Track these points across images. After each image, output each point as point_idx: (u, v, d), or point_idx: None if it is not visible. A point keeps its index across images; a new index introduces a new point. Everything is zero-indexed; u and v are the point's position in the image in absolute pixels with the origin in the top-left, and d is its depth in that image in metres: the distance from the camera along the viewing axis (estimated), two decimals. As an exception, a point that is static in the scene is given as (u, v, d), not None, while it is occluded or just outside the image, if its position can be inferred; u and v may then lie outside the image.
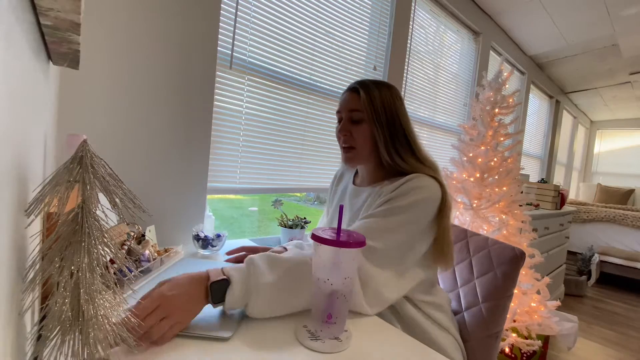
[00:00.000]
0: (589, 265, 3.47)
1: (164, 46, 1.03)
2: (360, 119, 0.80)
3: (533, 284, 1.67)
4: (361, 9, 1.67)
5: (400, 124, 0.79)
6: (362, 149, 0.81)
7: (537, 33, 2.77)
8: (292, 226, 1.42)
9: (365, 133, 0.79)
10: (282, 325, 0.59)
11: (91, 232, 0.35)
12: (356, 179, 0.93)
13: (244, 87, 1.28)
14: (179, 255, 0.93)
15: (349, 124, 0.81)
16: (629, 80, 3.56)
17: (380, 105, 0.78)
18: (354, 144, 0.81)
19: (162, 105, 1.04)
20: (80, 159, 0.36)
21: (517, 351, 1.64)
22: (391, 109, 0.79)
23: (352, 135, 0.81)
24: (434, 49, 2.17)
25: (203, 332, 0.53)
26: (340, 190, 0.97)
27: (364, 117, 0.79)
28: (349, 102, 0.81)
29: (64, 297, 0.33)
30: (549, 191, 2.76)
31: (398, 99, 0.81)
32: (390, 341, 0.58)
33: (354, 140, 0.81)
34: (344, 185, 0.97)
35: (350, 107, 0.81)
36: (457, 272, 1.02)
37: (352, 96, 0.81)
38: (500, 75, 1.71)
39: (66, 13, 0.39)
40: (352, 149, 0.82)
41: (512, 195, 1.61)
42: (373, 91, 0.79)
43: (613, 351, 2.19)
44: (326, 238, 0.53)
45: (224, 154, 1.25)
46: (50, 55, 0.55)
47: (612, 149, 5.46)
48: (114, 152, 0.97)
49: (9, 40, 0.29)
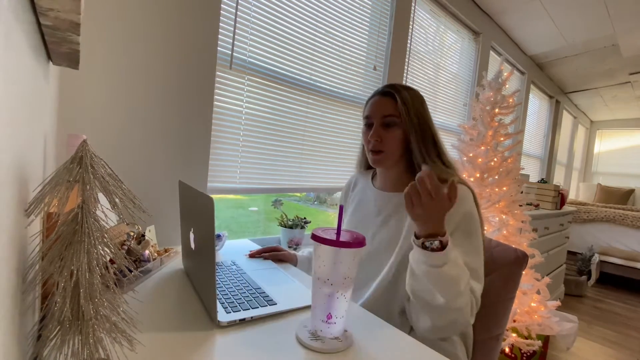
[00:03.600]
0: (589, 265, 3.47)
1: (164, 46, 1.03)
2: (393, 124, 0.80)
3: (533, 284, 1.67)
4: (361, 9, 1.67)
5: (430, 128, 0.81)
6: (393, 152, 0.81)
7: (537, 33, 2.77)
8: (292, 226, 1.42)
9: (397, 137, 0.80)
10: (282, 325, 0.59)
11: (91, 232, 0.35)
12: (374, 182, 0.93)
13: (244, 87, 1.28)
14: (178, 255, 0.93)
15: (381, 128, 0.81)
16: (629, 80, 3.56)
17: (414, 109, 0.79)
18: (384, 148, 0.81)
19: (162, 105, 1.04)
20: (80, 159, 0.36)
21: (517, 351, 1.64)
22: (422, 113, 0.81)
23: (382, 140, 0.81)
24: (434, 49, 2.17)
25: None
26: (357, 197, 0.96)
27: (397, 122, 0.80)
28: (383, 107, 0.81)
29: (64, 297, 0.33)
30: (549, 191, 2.76)
31: (425, 103, 0.83)
32: (391, 341, 0.58)
33: (384, 145, 0.81)
34: (360, 190, 0.96)
35: (385, 112, 0.81)
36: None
37: (387, 101, 0.81)
38: (500, 75, 1.71)
39: (66, 13, 0.39)
40: (381, 152, 0.82)
41: (512, 195, 1.61)
42: (406, 96, 0.80)
43: (613, 351, 2.19)
44: (326, 238, 0.53)
45: (224, 154, 1.25)
46: (50, 55, 0.55)
47: (612, 149, 5.46)
48: (114, 152, 0.97)
49: (9, 40, 0.29)
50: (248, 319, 0.59)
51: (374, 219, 0.86)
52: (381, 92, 0.83)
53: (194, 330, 0.55)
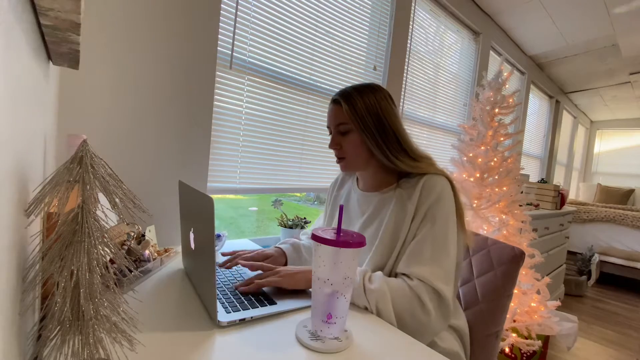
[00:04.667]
0: (589, 265, 3.47)
1: (164, 46, 1.03)
2: (347, 130, 0.80)
3: (533, 284, 1.67)
4: (361, 9, 1.67)
5: (390, 125, 0.79)
6: (356, 157, 0.82)
7: (537, 33, 2.77)
8: (292, 226, 1.42)
9: (355, 142, 0.80)
10: (282, 325, 0.59)
11: (91, 232, 0.35)
12: (358, 183, 0.93)
13: (244, 87, 1.28)
14: (178, 255, 0.93)
15: (339, 136, 0.82)
16: (629, 80, 3.56)
17: (365, 111, 0.78)
18: (344, 154, 0.82)
19: (162, 105, 1.04)
20: (80, 159, 0.36)
21: (517, 351, 1.64)
22: (377, 112, 0.78)
23: (342, 147, 0.82)
24: (434, 49, 2.17)
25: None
26: (343, 195, 0.97)
27: (351, 128, 0.79)
28: (333, 116, 0.82)
29: (64, 297, 0.33)
30: (549, 191, 2.76)
31: (384, 100, 0.81)
32: (391, 341, 0.58)
33: (344, 152, 0.82)
34: (346, 190, 0.97)
35: (336, 121, 0.81)
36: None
37: (336, 108, 0.81)
38: (500, 75, 1.71)
39: (66, 13, 0.39)
40: (342, 159, 0.83)
41: (512, 195, 1.61)
42: (355, 99, 0.79)
43: (613, 351, 2.19)
44: (326, 238, 0.53)
45: (224, 154, 1.25)
46: (50, 55, 0.55)
47: (612, 149, 5.46)
48: (114, 152, 0.97)
49: (9, 40, 0.29)
50: (248, 319, 0.59)
51: (358, 220, 0.87)
52: (332, 100, 0.84)
53: (194, 330, 0.55)
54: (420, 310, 0.66)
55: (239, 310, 0.61)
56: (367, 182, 0.89)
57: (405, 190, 0.79)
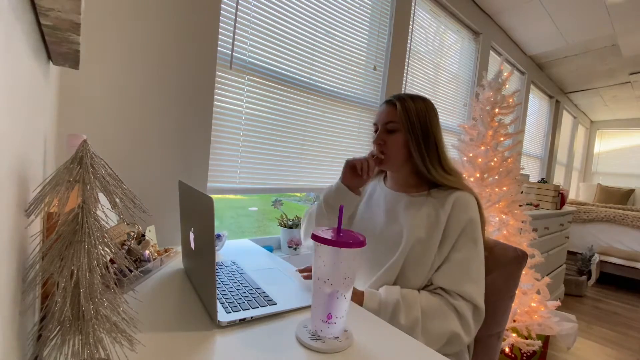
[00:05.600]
0: (589, 265, 3.47)
1: (164, 46, 1.03)
2: (395, 129, 0.85)
3: (533, 284, 1.67)
4: (361, 9, 1.67)
5: (433, 135, 0.85)
6: (395, 156, 0.86)
7: (537, 33, 2.77)
8: (292, 226, 1.42)
9: (399, 141, 0.85)
10: (282, 325, 0.59)
11: (91, 232, 0.35)
12: (385, 182, 0.97)
13: (244, 87, 1.28)
14: (178, 255, 0.93)
15: (385, 133, 0.87)
16: (629, 80, 3.56)
17: (415, 116, 0.84)
18: (386, 151, 0.87)
19: (162, 105, 1.04)
20: (80, 159, 0.36)
21: (517, 351, 1.64)
22: (425, 119, 0.84)
23: (385, 144, 0.86)
24: (434, 49, 2.17)
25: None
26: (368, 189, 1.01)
27: (398, 127, 0.84)
28: (385, 114, 0.87)
29: (64, 297, 0.33)
30: (549, 191, 2.76)
31: (432, 112, 0.87)
32: (391, 341, 0.58)
33: (386, 148, 0.86)
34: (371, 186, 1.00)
35: (386, 119, 0.86)
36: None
37: (389, 108, 0.87)
38: (500, 75, 1.71)
39: (66, 13, 0.39)
40: (381, 155, 0.87)
41: (512, 195, 1.61)
42: (408, 103, 0.85)
43: (613, 351, 2.19)
44: (326, 238, 0.53)
45: (224, 154, 1.25)
46: (50, 55, 0.55)
47: (612, 149, 5.46)
48: (114, 152, 0.97)
49: (9, 40, 0.29)
50: (248, 319, 0.59)
51: (382, 215, 0.90)
52: (386, 101, 0.90)
53: (194, 330, 0.55)
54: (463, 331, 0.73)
55: (239, 310, 0.61)
56: (398, 182, 0.92)
57: (437, 199, 0.83)
